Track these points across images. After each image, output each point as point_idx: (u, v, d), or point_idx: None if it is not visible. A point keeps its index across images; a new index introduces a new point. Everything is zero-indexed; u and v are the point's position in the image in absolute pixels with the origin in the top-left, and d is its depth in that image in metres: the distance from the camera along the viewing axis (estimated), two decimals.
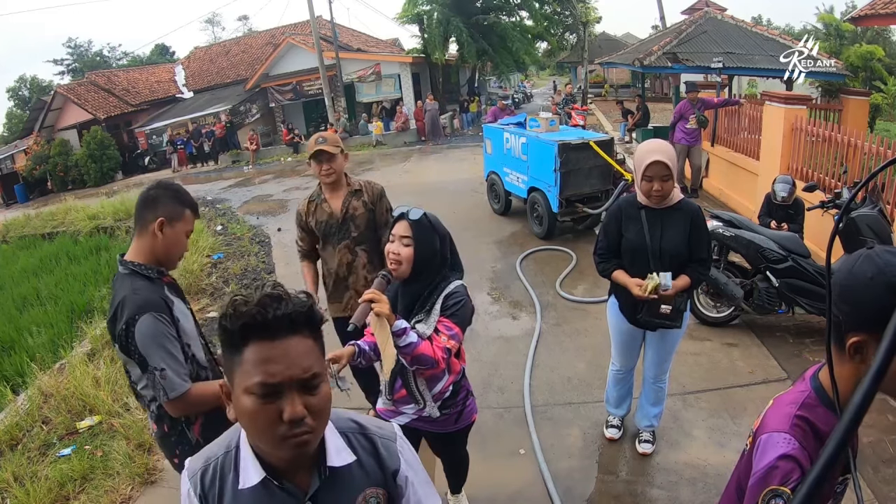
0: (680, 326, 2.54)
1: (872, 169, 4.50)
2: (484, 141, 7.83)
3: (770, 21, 37.49)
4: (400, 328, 1.70)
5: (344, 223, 2.75)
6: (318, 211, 2.78)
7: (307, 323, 0.89)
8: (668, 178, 2.27)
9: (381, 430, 1.07)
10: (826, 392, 1.02)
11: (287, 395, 0.85)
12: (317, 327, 0.92)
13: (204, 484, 0.98)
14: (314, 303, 0.93)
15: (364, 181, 2.86)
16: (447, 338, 1.80)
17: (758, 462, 1.04)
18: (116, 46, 40.55)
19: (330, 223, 2.76)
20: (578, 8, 19.83)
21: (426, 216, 1.84)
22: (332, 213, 2.76)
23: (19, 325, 6.23)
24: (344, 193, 2.77)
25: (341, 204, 2.75)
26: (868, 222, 3.51)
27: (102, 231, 10.31)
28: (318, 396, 0.89)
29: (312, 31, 17.17)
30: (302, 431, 0.87)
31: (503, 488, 2.72)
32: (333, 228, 2.77)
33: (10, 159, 22.11)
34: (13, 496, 2.97)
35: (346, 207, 2.75)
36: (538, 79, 40.58)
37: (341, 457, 0.98)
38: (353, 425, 1.04)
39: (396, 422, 2.04)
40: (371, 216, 2.78)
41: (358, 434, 1.03)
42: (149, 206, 1.71)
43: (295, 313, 0.87)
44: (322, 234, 2.81)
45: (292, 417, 0.84)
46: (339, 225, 2.75)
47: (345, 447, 0.99)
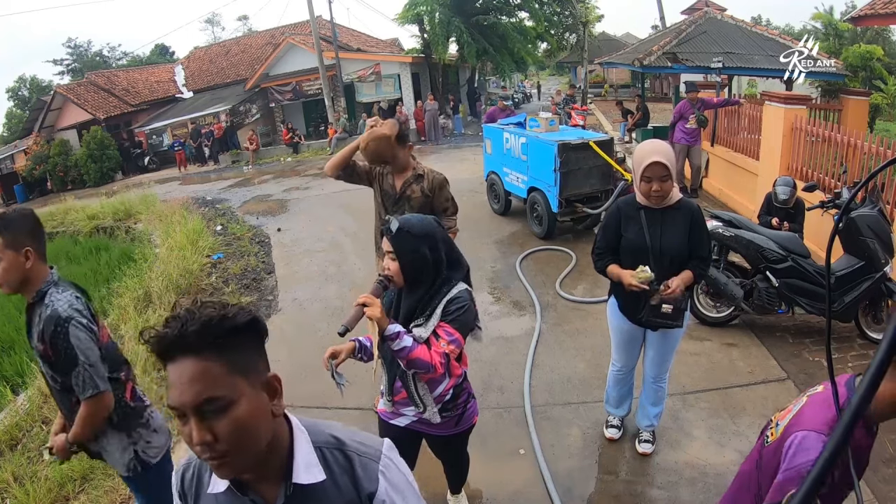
0: (682, 326, 2.55)
1: (872, 169, 4.50)
2: (484, 141, 7.83)
3: (770, 21, 37.53)
4: (393, 332, 1.70)
5: (400, 200, 2.96)
6: (384, 180, 3.02)
7: (206, 343, 0.81)
8: (666, 179, 2.28)
9: (363, 446, 0.99)
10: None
11: (190, 421, 0.82)
12: (222, 345, 0.83)
13: (184, 482, 0.99)
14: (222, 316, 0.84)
15: (428, 169, 3.04)
16: (447, 343, 1.79)
17: (791, 458, 1.02)
18: (116, 46, 40.48)
19: (390, 194, 3.00)
20: (578, 8, 19.83)
21: (402, 228, 1.78)
22: (393, 186, 3.00)
23: (19, 325, 6.23)
24: (407, 175, 2.97)
25: (402, 183, 2.97)
26: (868, 222, 3.51)
27: (102, 231, 10.30)
28: (226, 421, 0.82)
29: (312, 31, 17.17)
30: (211, 457, 0.83)
31: (503, 488, 2.72)
32: (391, 200, 2.99)
33: (9, 159, 22.12)
34: (13, 496, 2.98)
35: (405, 188, 2.97)
36: (540, 79, 40.53)
37: (311, 473, 0.92)
38: (331, 440, 0.97)
39: (397, 423, 2.05)
40: (427, 202, 2.96)
41: (335, 450, 0.96)
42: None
43: (188, 334, 0.80)
44: (381, 200, 3.05)
45: (195, 443, 0.82)
46: (395, 200, 2.97)
47: (316, 463, 0.93)
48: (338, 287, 5.65)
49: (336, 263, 6.42)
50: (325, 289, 5.65)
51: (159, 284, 5.59)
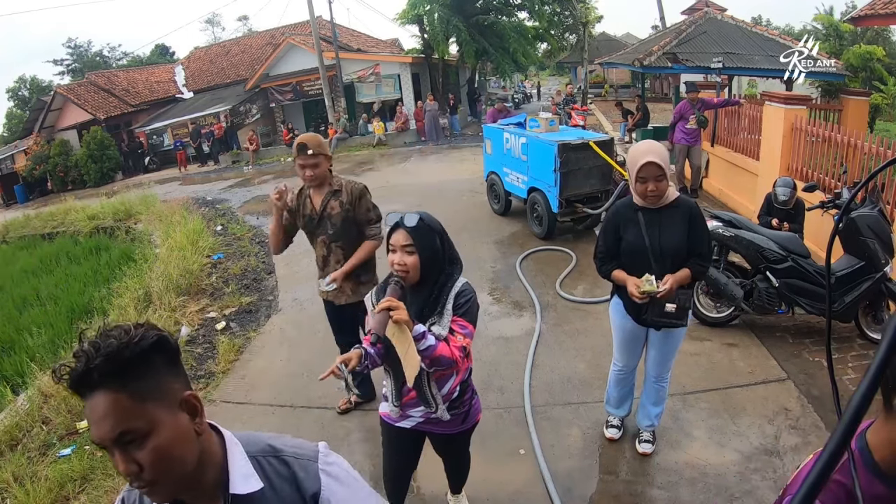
0: (686, 324, 2.55)
1: (872, 169, 4.51)
2: (484, 141, 7.83)
3: (770, 21, 37.46)
4: (419, 332, 1.70)
5: (322, 220, 2.98)
6: (304, 204, 3.01)
7: (112, 376, 0.80)
8: (661, 179, 2.28)
9: (300, 450, 1.00)
10: (871, 453, 0.90)
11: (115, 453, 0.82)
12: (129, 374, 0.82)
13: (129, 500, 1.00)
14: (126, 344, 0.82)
15: (346, 181, 3.02)
16: (462, 336, 1.80)
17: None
18: (116, 46, 40.44)
19: (312, 217, 2.99)
20: (578, 8, 19.83)
21: (422, 219, 1.80)
22: (313, 208, 2.98)
23: (19, 326, 6.24)
24: (325, 192, 2.96)
25: (321, 202, 2.97)
26: (868, 222, 3.51)
27: (102, 231, 10.30)
28: (147, 451, 0.82)
29: (312, 31, 17.17)
30: (140, 486, 0.84)
31: (503, 488, 2.72)
32: (314, 223, 3.00)
33: (10, 159, 22.12)
34: (13, 496, 2.98)
35: (324, 206, 2.96)
36: (540, 79, 40.52)
37: (248, 483, 0.92)
38: (267, 449, 0.98)
39: (402, 425, 2.04)
40: (349, 215, 2.96)
41: (271, 458, 0.97)
42: None
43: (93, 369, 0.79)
44: (305, 226, 3.04)
45: (121, 473, 0.83)
46: (317, 221, 2.99)
47: (253, 473, 0.93)
48: None
49: None
50: None
51: (159, 284, 5.59)
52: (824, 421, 2.97)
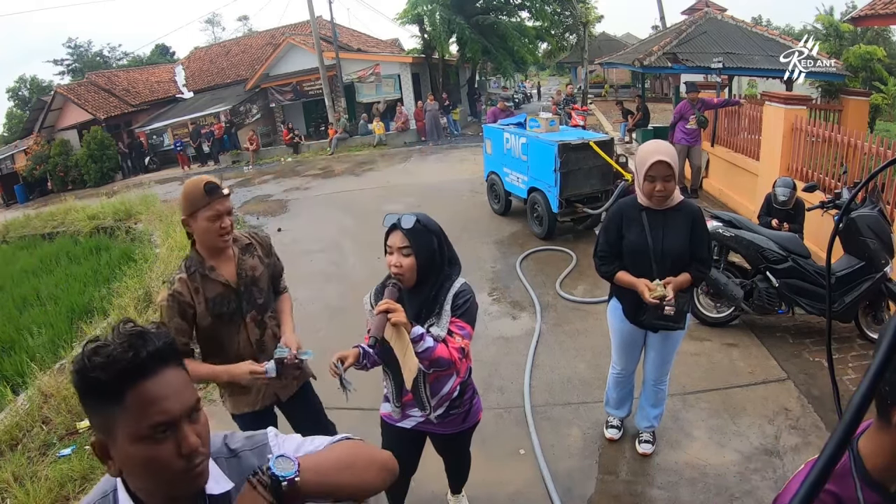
0: (683, 327, 2.55)
1: (872, 169, 4.51)
2: (484, 141, 7.83)
3: (770, 21, 37.50)
4: (417, 334, 1.69)
5: (246, 291, 2.10)
6: (207, 286, 2.02)
7: (174, 354, 0.88)
8: (670, 179, 2.28)
9: (250, 441, 1.05)
10: (864, 461, 0.90)
11: (180, 430, 0.84)
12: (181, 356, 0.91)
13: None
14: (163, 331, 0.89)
15: (250, 231, 2.28)
16: (461, 337, 1.80)
17: None
18: (116, 46, 40.45)
19: (226, 297, 2.05)
20: (579, 8, 19.83)
21: (418, 221, 1.79)
22: (227, 283, 2.06)
23: (19, 326, 6.24)
24: (233, 253, 2.10)
25: (235, 268, 2.09)
26: (868, 222, 3.51)
27: (102, 231, 10.31)
28: (202, 423, 0.89)
29: (312, 31, 17.17)
30: (199, 462, 0.87)
31: (503, 488, 2.72)
32: (232, 303, 2.06)
33: (10, 159, 22.13)
34: (13, 496, 2.98)
35: (242, 271, 2.10)
36: (540, 79, 40.52)
37: (220, 484, 0.95)
38: (224, 450, 1.02)
39: (403, 425, 2.04)
40: (270, 272, 2.23)
41: (230, 459, 1.01)
42: None
43: (163, 346, 0.85)
44: (214, 315, 2.03)
45: (191, 449, 0.84)
46: (238, 296, 2.08)
47: (221, 474, 0.97)
48: (338, 287, 5.64)
49: (336, 263, 6.42)
50: (325, 289, 5.65)
51: (159, 284, 5.59)
52: (824, 421, 2.97)
